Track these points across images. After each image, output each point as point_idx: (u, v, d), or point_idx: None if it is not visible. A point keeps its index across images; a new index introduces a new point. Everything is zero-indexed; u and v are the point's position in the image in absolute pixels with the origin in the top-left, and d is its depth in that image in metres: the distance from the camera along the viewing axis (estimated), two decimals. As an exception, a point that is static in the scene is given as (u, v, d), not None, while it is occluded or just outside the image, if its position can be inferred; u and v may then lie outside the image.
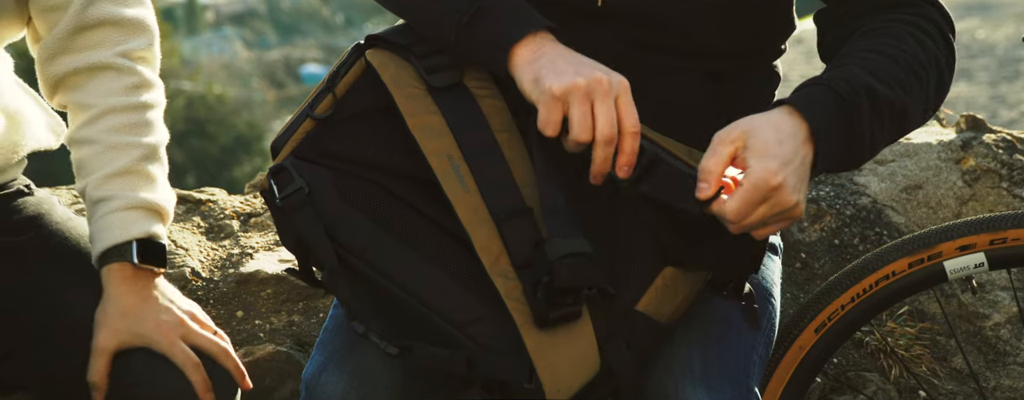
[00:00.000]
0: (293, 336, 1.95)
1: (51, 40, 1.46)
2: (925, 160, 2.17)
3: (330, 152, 1.32)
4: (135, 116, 1.46)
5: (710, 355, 1.35)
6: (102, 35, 1.46)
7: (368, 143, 1.32)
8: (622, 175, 1.23)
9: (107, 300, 1.41)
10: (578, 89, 1.22)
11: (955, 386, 2.03)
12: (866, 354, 2.04)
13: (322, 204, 1.29)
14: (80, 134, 1.46)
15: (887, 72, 1.29)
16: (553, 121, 1.23)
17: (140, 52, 1.49)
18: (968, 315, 2.08)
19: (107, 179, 1.43)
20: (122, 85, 1.47)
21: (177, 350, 1.39)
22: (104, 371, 1.38)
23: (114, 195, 1.43)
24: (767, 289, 1.48)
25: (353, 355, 1.39)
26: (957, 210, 2.12)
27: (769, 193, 1.20)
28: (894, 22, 1.34)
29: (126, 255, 1.41)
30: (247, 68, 27.64)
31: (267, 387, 1.89)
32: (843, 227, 2.11)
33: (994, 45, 12.43)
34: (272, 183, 1.31)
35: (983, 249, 1.63)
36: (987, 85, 11.46)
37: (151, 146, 1.47)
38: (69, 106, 1.49)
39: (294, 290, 1.97)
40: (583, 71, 1.23)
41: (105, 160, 1.44)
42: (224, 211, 2.14)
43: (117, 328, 1.39)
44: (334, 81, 1.34)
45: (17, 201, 1.55)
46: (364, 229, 1.29)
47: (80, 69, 1.46)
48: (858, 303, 1.69)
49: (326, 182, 1.30)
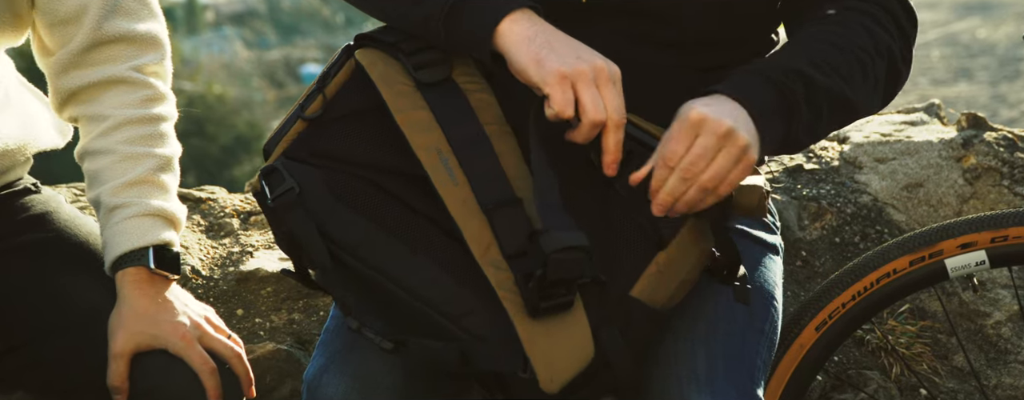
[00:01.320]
0: (293, 334, 1.95)
1: (65, 55, 1.47)
2: (926, 158, 2.17)
3: (321, 152, 1.32)
4: (150, 128, 1.48)
5: (715, 360, 1.35)
6: (116, 50, 1.48)
7: (358, 142, 1.32)
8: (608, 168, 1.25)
9: (123, 304, 1.42)
10: (584, 74, 1.22)
11: (956, 384, 2.03)
12: (867, 352, 2.04)
13: (313, 203, 1.30)
14: (95, 145, 1.47)
15: (827, 60, 1.31)
16: (571, 101, 1.22)
17: (153, 66, 1.50)
18: (969, 313, 2.07)
19: (123, 188, 1.45)
20: (136, 98, 1.48)
21: (194, 354, 1.40)
22: (124, 374, 1.39)
23: (130, 202, 1.44)
24: (769, 291, 1.47)
25: (354, 356, 1.39)
26: (958, 208, 2.12)
27: (698, 123, 1.21)
28: (850, 10, 1.37)
29: (143, 260, 1.42)
30: (247, 68, 27.65)
31: (267, 385, 1.88)
32: (844, 225, 2.11)
33: (994, 44, 12.43)
34: (263, 184, 1.31)
35: (984, 247, 1.63)
36: (987, 84, 11.46)
37: (166, 157, 1.49)
38: (81, 119, 1.51)
39: (294, 288, 1.97)
40: (584, 56, 1.24)
41: (121, 169, 1.46)
42: (224, 209, 2.14)
43: (134, 331, 1.40)
44: (324, 82, 1.34)
45: (24, 199, 1.56)
46: (356, 226, 1.29)
47: (94, 83, 1.48)
48: (859, 301, 1.68)
49: (316, 181, 1.30)
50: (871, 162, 2.19)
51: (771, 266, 1.50)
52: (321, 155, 1.32)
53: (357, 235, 1.29)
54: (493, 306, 1.25)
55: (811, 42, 1.35)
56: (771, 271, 1.50)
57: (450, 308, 1.26)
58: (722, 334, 1.37)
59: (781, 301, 1.49)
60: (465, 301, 1.26)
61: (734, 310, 1.40)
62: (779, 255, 1.55)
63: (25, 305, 1.46)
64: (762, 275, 1.48)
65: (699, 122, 1.21)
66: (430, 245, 1.28)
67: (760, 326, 1.42)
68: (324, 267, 1.29)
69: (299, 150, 1.32)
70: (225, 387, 1.40)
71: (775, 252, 1.53)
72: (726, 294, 1.37)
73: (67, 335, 1.44)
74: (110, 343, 1.40)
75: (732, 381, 1.34)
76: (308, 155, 1.32)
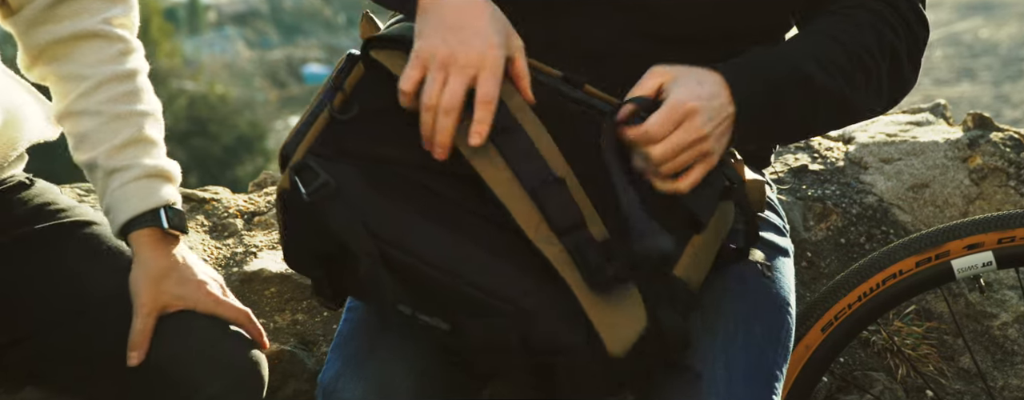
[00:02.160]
0: (297, 335, 1.94)
1: (30, 11, 1.46)
2: (932, 158, 2.16)
3: (349, 150, 1.31)
4: (131, 84, 1.48)
5: (734, 372, 1.35)
6: (84, 3, 1.47)
7: (384, 139, 1.31)
8: (472, 142, 1.26)
9: (141, 265, 1.43)
10: (434, 58, 1.25)
11: (962, 385, 2.02)
12: (873, 353, 2.03)
13: (351, 196, 1.28)
14: (78, 106, 1.47)
15: (832, 59, 1.34)
16: (411, 78, 1.26)
17: (121, 18, 1.50)
18: (975, 314, 2.07)
19: (118, 150, 1.45)
20: (111, 53, 1.48)
21: (226, 307, 1.43)
22: (149, 332, 1.40)
23: (129, 164, 1.45)
24: (784, 297, 1.47)
25: (371, 360, 1.39)
26: (964, 209, 2.12)
27: (685, 115, 1.26)
28: (858, 7, 1.38)
29: (156, 222, 1.43)
30: (249, 68, 27.66)
31: (271, 386, 1.88)
32: (849, 226, 2.10)
33: (997, 44, 12.42)
34: (296, 180, 1.28)
35: (991, 248, 1.63)
36: (991, 84, 11.45)
37: (151, 112, 1.49)
38: (54, 78, 1.49)
39: (298, 289, 1.97)
40: (450, 39, 1.25)
41: (111, 130, 1.46)
42: (228, 210, 2.13)
43: (160, 289, 1.41)
44: (340, 81, 1.34)
45: (20, 194, 1.55)
46: (399, 217, 1.28)
47: (64, 38, 1.47)
48: (865, 302, 1.68)
49: (351, 175, 1.29)
50: (877, 162, 2.18)
51: (784, 270, 1.49)
52: (349, 153, 1.31)
53: (401, 226, 1.28)
54: (547, 284, 1.26)
55: (817, 37, 1.36)
56: (784, 275, 1.50)
57: (507, 291, 1.26)
58: (740, 347, 1.37)
59: (795, 306, 1.49)
60: (519, 282, 1.27)
61: (751, 322, 1.40)
62: (790, 258, 1.54)
63: (32, 296, 1.46)
64: (776, 281, 1.47)
65: (688, 113, 1.27)
66: (476, 232, 1.28)
67: (777, 335, 1.42)
68: (372, 257, 1.27)
69: (325, 148, 1.31)
70: (241, 347, 1.42)
71: (786, 255, 1.52)
72: (743, 307, 1.39)
73: (78, 322, 1.44)
74: (135, 302, 1.41)
75: (751, 392, 1.35)
76: (335, 152, 1.31)
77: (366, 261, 1.26)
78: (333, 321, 1.96)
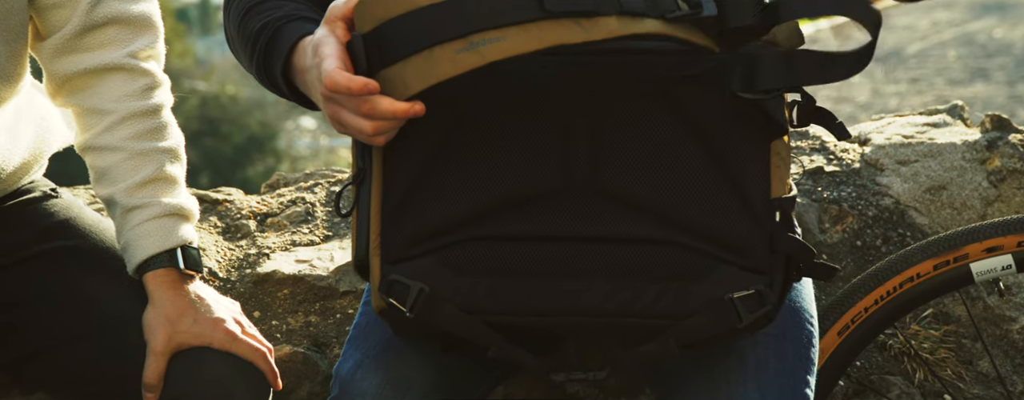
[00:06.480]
0: (310, 337, 1.94)
1: (58, 39, 1.46)
2: (949, 160, 2.14)
3: (411, 238, 1.25)
4: (154, 120, 1.48)
5: (767, 396, 1.34)
6: (110, 34, 1.46)
7: (432, 209, 1.25)
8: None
9: (157, 305, 1.42)
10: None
11: (981, 390, 2.01)
12: (890, 357, 2.01)
13: (448, 292, 1.24)
14: (100, 141, 1.46)
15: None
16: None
17: (147, 51, 1.49)
18: (994, 318, 2.05)
19: (137, 187, 1.45)
20: (136, 88, 1.47)
21: (241, 345, 1.42)
22: (162, 372, 1.40)
23: (147, 203, 1.45)
24: (807, 310, 1.45)
25: (388, 354, 1.39)
26: (982, 211, 2.10)
27: None
28: None
29: (171, 262, 1.43)
30: (261, 68, 27.63)
31: (285, 388, 1.87)
32: (866, 228, 2.08)
33: (1011, 44, 12.37)
34: (390, 301, 1.24)
35: (1011, 251, 1.62)
36: (1005, 85, 11.40)
37: (173, 149, 1.49)
38: (78, 109, 1.49)
39: (311, 291, 1.96)
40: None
41: (131, 167, 1.46)
42: (241, 211, 2.13)
43: (176, 330, 1.41)
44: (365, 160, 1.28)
45: (45, 204, 1.55)
46: (495, 289, 1.24)
47: (90, 69, 1.46)
48: (882, 305, 1.67)
49: (435, 270, 1.24)
50: (893, 164, 2.16)
51: (803, 280, 1.48)
52: (415, 242, 1.25)
53: (504, 298, 1.24)
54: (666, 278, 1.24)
55: None
56: (804, 286, 1.48)
57: (657, 308, 1.24)
58: (772, 372, 1.36)
59: (816, 316, 1.47)
60: (648, 290, 1.24)
61: (783, 345, 1.39)
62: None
63: (52, 311, 1.46)
64: (797, 293, 1.46)
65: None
66: (557, 265, 1.24)
67: (805, 353, 1.40)
68: (499, 343, 1.25)
69: (394, 251, 1.26)
70: (251, 387, 1.42)
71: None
72: (772, 329, 1.36)
73: (93, 342, 1.44)
74: (149, 342, 1.41)
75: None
76: (405, 248, 1.25)
77: (494, 350, 1.26)
78: (346, 323, 1.95)
